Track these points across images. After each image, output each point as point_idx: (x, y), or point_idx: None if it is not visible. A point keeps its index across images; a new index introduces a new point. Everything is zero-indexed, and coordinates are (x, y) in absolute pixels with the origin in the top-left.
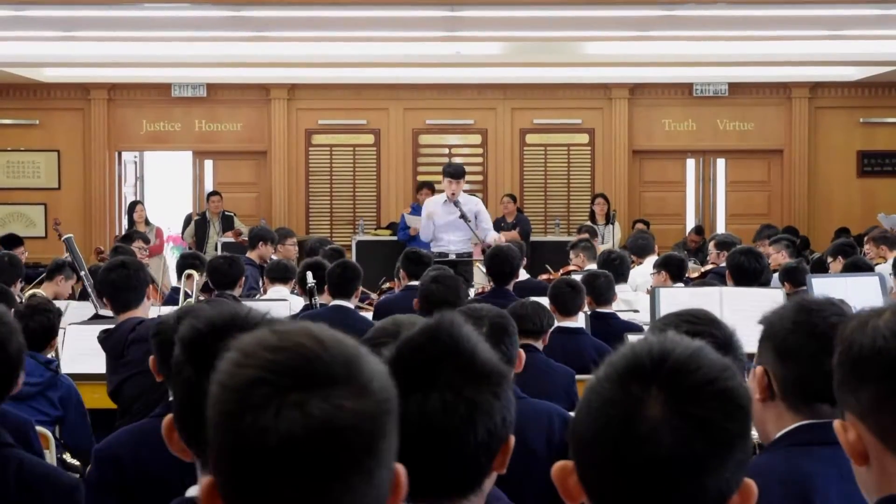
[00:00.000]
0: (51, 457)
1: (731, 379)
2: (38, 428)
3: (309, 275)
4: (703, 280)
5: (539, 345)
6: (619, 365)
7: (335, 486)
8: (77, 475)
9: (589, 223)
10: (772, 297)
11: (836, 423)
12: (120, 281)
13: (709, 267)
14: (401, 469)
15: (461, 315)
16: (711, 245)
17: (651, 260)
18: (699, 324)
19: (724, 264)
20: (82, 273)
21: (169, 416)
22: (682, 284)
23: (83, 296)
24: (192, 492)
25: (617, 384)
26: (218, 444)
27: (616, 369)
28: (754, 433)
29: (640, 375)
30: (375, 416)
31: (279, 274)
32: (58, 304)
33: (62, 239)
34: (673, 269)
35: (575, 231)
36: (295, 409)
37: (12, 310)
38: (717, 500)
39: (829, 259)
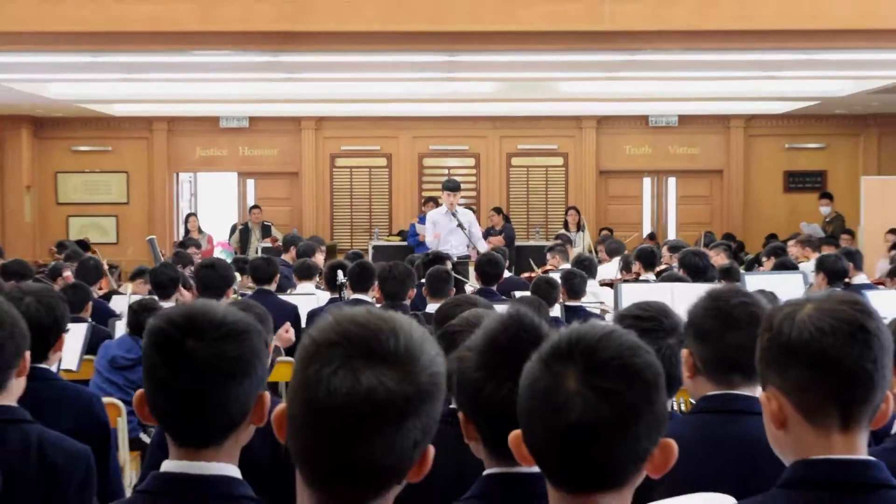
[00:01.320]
0: (122, 423)
1: (637, 357)
2: (107, 399)
3: (340, 273)
4: (658, 276)
5: None
6: (545, 348)
7: (361, 442)
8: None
9: (563, 231)
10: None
11: (762, 395)
12: (208, 278)
13: (663, 266)
14: (431, 450)
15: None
16: (664, 249)
17: (616, 259)
18: (651, 311)
19: (675, 264)
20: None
21: (140, 392)
22: (653, 275)
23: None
24: (166, 466)
25: (543, 364)
26: (292, 380)
27: (542, 352)
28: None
29: (559, 356)
30: (412, 398)
31: (304, 273)
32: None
33: (147, 239)
34: (645, 260)
35: (552, 237)
36: (350, 374)
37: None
38: (632, 460)
39: (764, 259)
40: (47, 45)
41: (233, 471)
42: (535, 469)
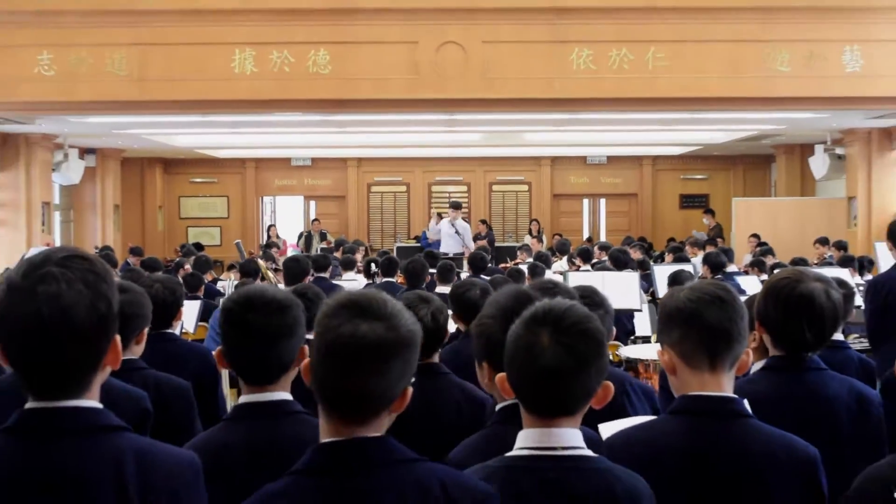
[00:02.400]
0: (226, 375)
1: (590, 322)
2: (215, 351)
3: (373, 265)
4: (593, 267)
5: None
6: (527, 315)
7: (358, 374)
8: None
9: (528, 236)
10: (629, 278)
11: (658, 351)
12: (293, 269)
13: (596, 260)
14: (409, 390)
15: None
16: (596, 248)
17: (565, 257)
18: (587, 292)
19: (605, 258)
20: (254, 259)
21: (218, 350)
22: (589, 266)
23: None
24: (243, 399)
25: (524, 326)
26: (315, 334)
27: (525, 317)
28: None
29: (536, 320)
30: (395, 343)
31: (348, 265)
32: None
33: (234, 242)
34: (584, 256)
35: (521, 240)
36: (352, 325)
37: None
38: (585, 394)
39: (667, 255)
40: (175, 111)
41: (287, 396)
42: None
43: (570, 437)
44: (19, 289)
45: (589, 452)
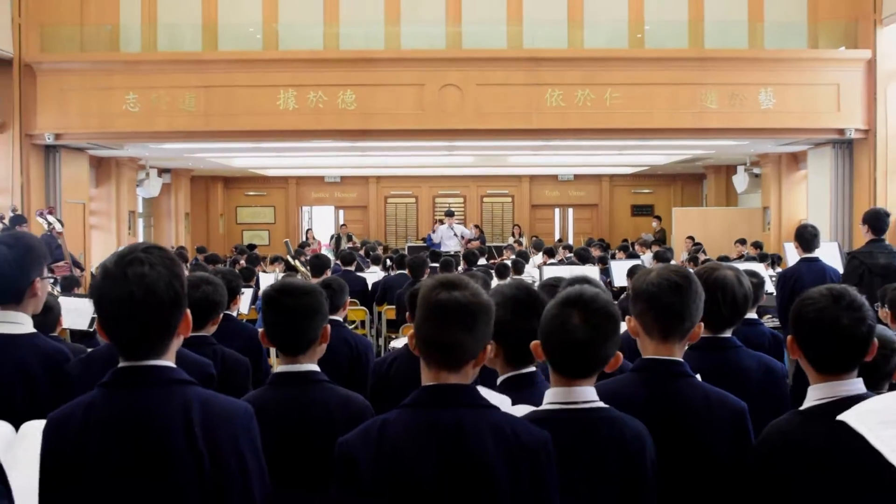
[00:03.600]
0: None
1: (610, 307)
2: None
3: (388, 260)
4: (561, 262)
5: None
6: (560, 297)
7: (452, 331)
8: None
9: (511, 238)
10: (591, 271)
11: (628, 319)
12: (315, 264)
13: (560, 258)
14: (490, 345)
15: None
16: (561, 248)
17: (540, 253)
18: (554, 280)
19: (570, 255)
20: (288, 256)
21: (261, 329)
22: (555, 261)
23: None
24: (279, 368)
25: (559, 306)
26: (419, 304)
27: (558, 299)
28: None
29: (570, 303)
30: (477, 305)
31: (375, 261)
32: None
33: (284, 241)
34: (549, 253)
35: (506, 241)
36: (447, 292)
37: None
38: (604, 361)
39: (619, 253)
40: (232, 139)
41: (315, 367)
42: (531, 369)
43: (588, 394)
44: (113, 273)
45: (602, 404)
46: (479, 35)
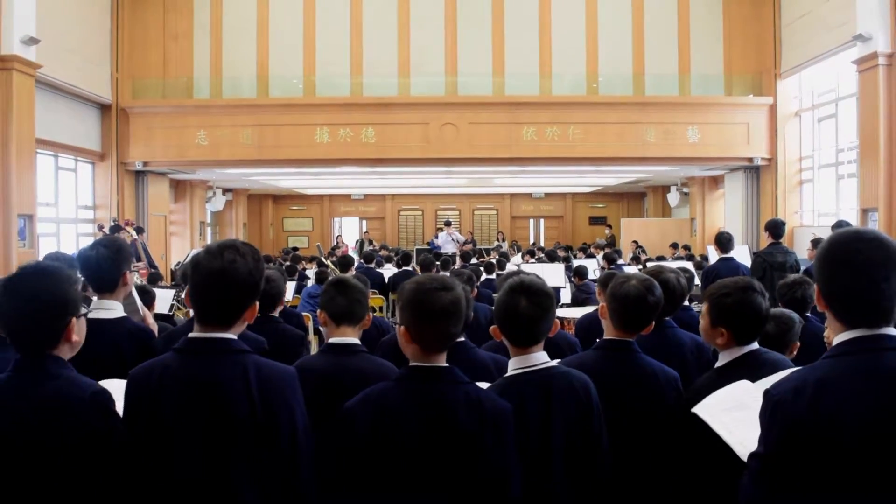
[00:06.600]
0: (310, 323)
1: (547, 289)
2: (305, 313)
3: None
4: (537, 261)
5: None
6: (507, 286)
7: (444, 320)
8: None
9: (496, 242)
10: (558, 267)
11: (601, 304)
12: (342, 262)
13: (536, 258)
14: (461, 338)
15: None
16: (536, 250)
17: (519, 254)
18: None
19: (542, 255)
20: (321, 256)
21: (320, 311)
22: (534, 259)
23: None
24: (332, 340)
25: (508, 292)
26: (410, 306)
27: (507, 286)
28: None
29: (516, 289)
30: (459, 300)
31: (388, 260)
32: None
33: (316, 245)
34: (532, 254)
35: (493, 244)
36: (436, 293)
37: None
38: (546, 330)
39: (579, 254)
40: (280, 166)
41: (356, 340)
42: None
43: (541, 357)
44: (213, 252)
45: (553, 363)
46: (471, 84)
